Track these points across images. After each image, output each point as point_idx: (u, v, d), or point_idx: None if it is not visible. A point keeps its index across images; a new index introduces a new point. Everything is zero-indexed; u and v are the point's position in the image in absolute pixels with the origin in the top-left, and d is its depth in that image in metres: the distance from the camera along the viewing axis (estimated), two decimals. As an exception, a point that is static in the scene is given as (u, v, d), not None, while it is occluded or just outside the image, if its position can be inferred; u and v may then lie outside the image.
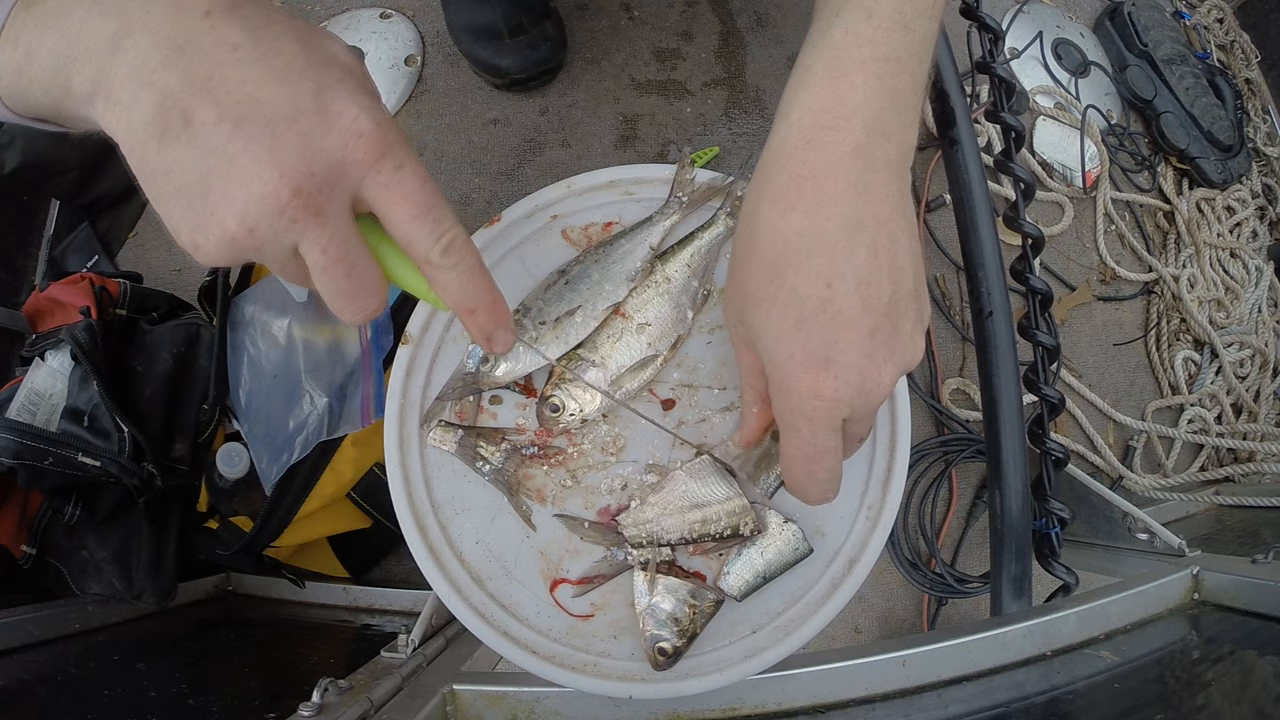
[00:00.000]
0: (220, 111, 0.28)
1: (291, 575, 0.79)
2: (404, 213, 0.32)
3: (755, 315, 0.36)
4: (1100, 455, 1.09)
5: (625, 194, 0.53)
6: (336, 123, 0.29)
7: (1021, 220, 0.76)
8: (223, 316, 0.74)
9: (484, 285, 0.35)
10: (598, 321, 0.48)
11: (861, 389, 0.34)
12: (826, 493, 0.39)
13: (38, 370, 0.68)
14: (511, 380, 0.48)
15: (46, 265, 1.03)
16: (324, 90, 0.29)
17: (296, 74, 0.29)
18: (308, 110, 0.29)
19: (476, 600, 0.45)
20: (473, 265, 0.34)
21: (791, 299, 0.34)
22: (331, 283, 0.32)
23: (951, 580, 0.96)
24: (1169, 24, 1.34)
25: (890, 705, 0.48)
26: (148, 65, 0.28)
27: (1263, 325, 1.24)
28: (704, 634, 0.44)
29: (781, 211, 0.35)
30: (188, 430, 0.74)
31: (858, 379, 0.34)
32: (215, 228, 0.29)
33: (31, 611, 0.62)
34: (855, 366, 0.34)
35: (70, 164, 0.99)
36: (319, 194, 0.29)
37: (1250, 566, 0.58)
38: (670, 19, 1.18)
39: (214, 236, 0.29)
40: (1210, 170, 1.25)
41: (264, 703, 0.51)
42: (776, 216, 0.35)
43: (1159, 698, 0.48)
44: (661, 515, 0.45)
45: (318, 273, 0.31)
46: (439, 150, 1.11)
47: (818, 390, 0.34)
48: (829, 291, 0.34)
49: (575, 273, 0.49)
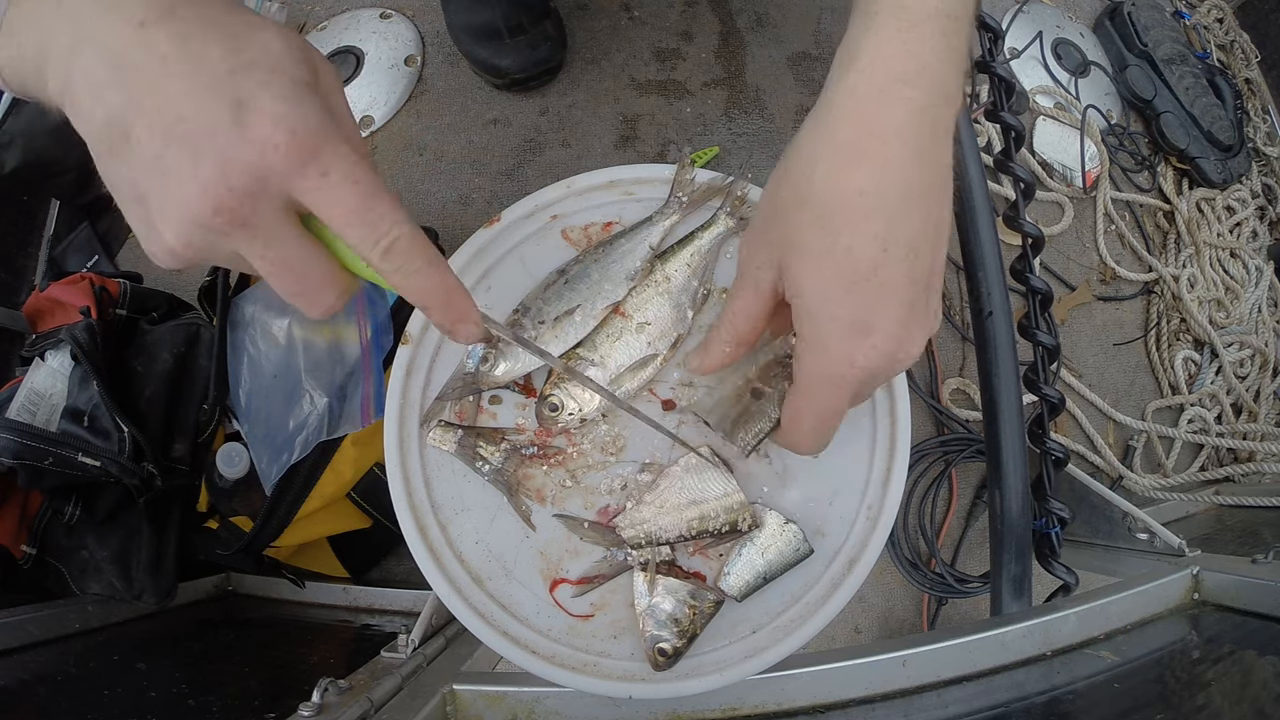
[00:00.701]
0: (152, 130, 0.28)
1: (291, 575, 0.79)
2: (337, 218, 0.31)
3: (803, 268, 0.36)
4: (1100, 455, 1.09)
5: (625, 194, 0.53)
6: (252, 135, 0.29)
7: (1021, 220, 0.76)
8: (223, 316, 0.74)
9: (435, 282, 0.34)
10: (597, 321, 0.48)
11: (892, 358, 0.35)
12: (822, 448, 0.40)
13: (38, 370, 0.68)
14: (511, 380, 0.48)
15: (46, 265, 1.03)
16: (243, 102, 0.29)
17: (218, 85, 0.29)
18: (224, 125, 0.29)
19: (476, 600, 0.45)
20: (418, 266, 0.33)
21: (846, 259, 0.34)
22: (279, 284, 0.32)
23: (951, 580, 0.96)
24: (1169, 24, 1.34)
25: (890, 705, 0.48)
26: (96, 80, 0.29)
27: (1263, 325, 1.24)
28: (704, 634, 0.44)
29: (845, 166, 0.34)
30: (188, 430, 0.74)
31: (891, 348, 0.35)
32: (157, 239, 0.30)
33: (31, 611, 0.62)
34: (893, 337, 0.35)
35: (70, 164, 0.99)
36: (241, 208, 0.29)
37: (1250, 566, 0.58)
38: (670, 19, 1.18)
39: (159, 247, 0.31)
40: (1210, 170, 1.25)
41: (264, 703, 0.51)
42: (839, 169, 0.34)
43: (1159, 698, 0.48)
44: (658, 514, 0.45)
45: (264, 275, 0.32)
46: (439, 150, 1.11)
47: (853, 357, 0.35)
48: (883, 256, 0.33)
49: (575, 272, 0.50)
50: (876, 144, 0.34)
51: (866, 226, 0.34)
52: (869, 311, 0.34)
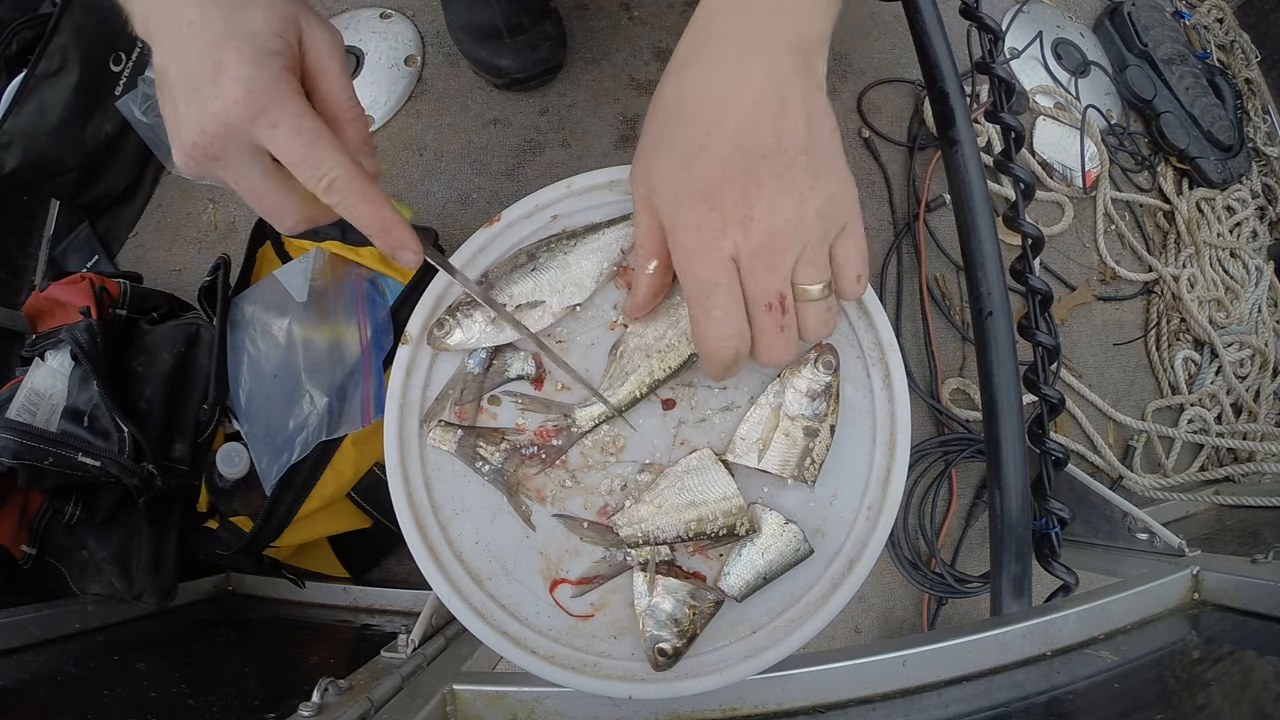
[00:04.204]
0: (175, 76, 0.38)
1: (291, 575, 0.79)
2: (287, 162, 0.39)
3: (650, 166, 0.41)
4: (1100, 455, 1.09)
5: (625, 194, 0.53)
6: (221, 90, 0.37)
7: (1021, 220, 0.76)
8: (223, 316, 0.74)
9: (372, 214, 0.41)
10: (556, 319, 0.48)
11: (743, 221, 0.37)
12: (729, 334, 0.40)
13: (38, 370, 0.68)
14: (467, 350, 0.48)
15: (46, 265, 1.04)
16: (221, 64, 0.37)
17: (211, 48, 0.37)
18: (208, 80, 0.37)
19: (476, 600, 0.45)
20: (357, 199, 0.41)
21: (678, 144, 0.39)
22: (249, 203, 0.42)
23: (951, 580, 0.96)
24: (1169, 24, 1.34)
25: (890, 705, 0.48)
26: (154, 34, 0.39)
27: (1263, 325, 1.24)
28: (704, 634, 0.44)
29: (678, 74, 0.40)
30: (188, 430, 0.74)
31: (736, 213, 0.37)
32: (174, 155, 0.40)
33: (31, 611, 0.62)
34: (732, 200, 0.37)
35: (70, 164, 0.99)
36: (213, 146, 0.38)
37: (1250, 566, 0.58)
38: (670, 19, 1.18)
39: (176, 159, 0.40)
40: (1210, 170, 1.25)
41: (264, 703, 0.51)
42: (673, 78, 0.40)
43: (1159, 698, 0.48)
44: (657, 514, 0.45)
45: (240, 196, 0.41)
46: (439, 150, 1.11)
47: (698, 222, 0.38)
48: (708, 138, 0.37)
49: (543, 260, 0.49)
50: (701, 52, 0.39)
51: (694, 116, 0.38)
52: (706, 182, 0.38)
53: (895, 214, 1.14)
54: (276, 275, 0.76)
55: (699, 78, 0.39)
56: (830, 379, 0.46)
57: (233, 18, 0.38)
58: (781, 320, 0.40)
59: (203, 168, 0.40)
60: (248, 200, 0.42)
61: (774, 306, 0.39)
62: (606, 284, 0.49)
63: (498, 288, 0.48)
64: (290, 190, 0.41)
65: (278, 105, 0.38)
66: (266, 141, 0.38)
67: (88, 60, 0.97)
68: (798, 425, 0.45)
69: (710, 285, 0.39)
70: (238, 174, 0.40)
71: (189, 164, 0.40)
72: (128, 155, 1.06)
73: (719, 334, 0.40)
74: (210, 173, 0.40)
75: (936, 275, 1.12)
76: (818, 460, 0.46)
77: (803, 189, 0.38)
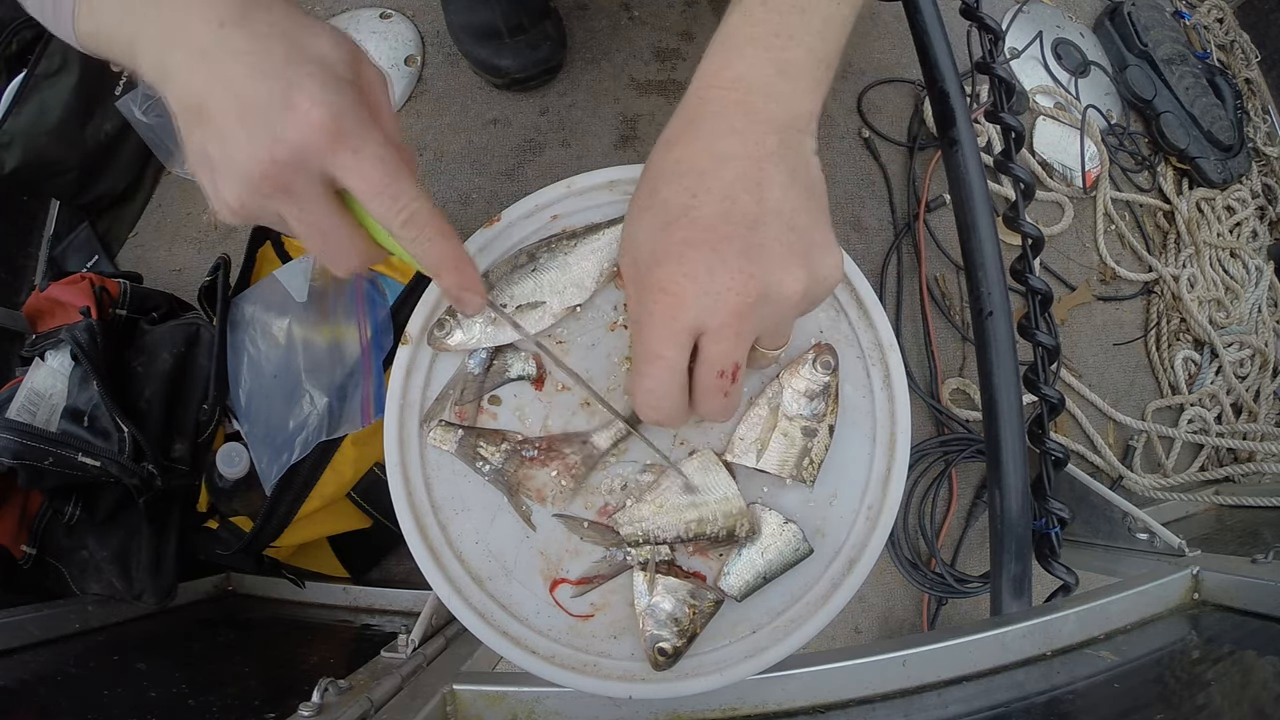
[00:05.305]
0: (222, 107, 0.34)
1: (291, 575, 0.79)
2: (364, 191, 0.36)
3: (633, 228, 0.40)
4: (1100, 455, 1.09)
5: (625, 194, 0.53)
6: (295, 116, 0.34)
7: (1021, 220, 0.76)
8: (223, 316, 0.74)
9: (447, 253, 0.39)
10: (556, 320, 0.48)
11: (708, 290, 0.36)
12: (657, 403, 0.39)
13: (38, 370, 0.68)
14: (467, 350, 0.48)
15: (46, 265, 1.04)
16: (292, 86, 0.34)
17: (275, 72, 0.34)
18: (276, 105, 0.34)
19: (476, 600, 0.45)
20: (433, 236, 0.38)
21: (661, 207, 0.38)
22: (310, 245, 0.39)
23: (951, 580, 0.96)
24: (1169, 24, 1.34)
25: (890, 705, 0.48)
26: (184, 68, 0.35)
27: (1263, 325, 1.24)
28: (704, 634, 0.44)
29: (666, 149, 0.39)
30: (188, 430, 0.74)
31: (705, 280, 0.36)
32: (219, 198, 0.36)
33: (31, 611, 0.62)
34: (704, 266, 0.36)
35: (70, 164, 0.99)
36: (283, 176, 0.35)
37: (1250, 566, 0.58)
38: (670, 19, 1.18)
39: (221, 204, 0.37)
40: (1210, 170, 1.25)
41: (264, 703, 0.51)
42: (661, 153, 0.40)
43: (1159, 698, 0.48)
44: (657, 513, 0.45)
45: (300, 236, 0.38)
46: (439, 150, 1.11)
47: (664, 284, 0.37)
48: (693, 200, 0.37)
49: (543, 260, 0.49)
50: (690, 129, 0.39)
51: (679, 181, 0.38)
52: (681, 245, 0.37)
53: (895, 214, 1.14)
54: (276, 275, 0.76)
55: (685, 150, 0.38)
56: (829, 379, 0.46)
57: (297, 47, 0.35)
58: (729, 386, 0.39)
59: (266, 203, 0.36)
60: (308, 239, 0.38)
61: (725, 374, 0.38)
62: (607, 284, 0.49)
63: (498, 288, 0.48)
64: (356, 227, 0.39)
65: (360, 131, 0.35)
66: (343, 169, 0.35)
67: (88, 60, 0.97)
68: (796, 425, 0.45)
69: (653, 356, 0.38)
70: (304, 208, 0.36)
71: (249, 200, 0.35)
72: (128, 155, 1.06)
73: (646, 401, 0.39)
74: (272, 209, 0.36)
75: (936, 275, 1.12)
76: (816, 460, 0.46)
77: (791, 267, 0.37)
